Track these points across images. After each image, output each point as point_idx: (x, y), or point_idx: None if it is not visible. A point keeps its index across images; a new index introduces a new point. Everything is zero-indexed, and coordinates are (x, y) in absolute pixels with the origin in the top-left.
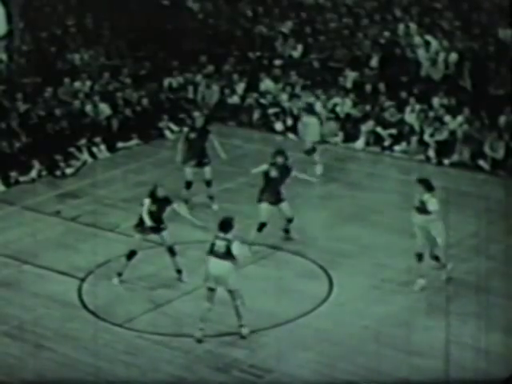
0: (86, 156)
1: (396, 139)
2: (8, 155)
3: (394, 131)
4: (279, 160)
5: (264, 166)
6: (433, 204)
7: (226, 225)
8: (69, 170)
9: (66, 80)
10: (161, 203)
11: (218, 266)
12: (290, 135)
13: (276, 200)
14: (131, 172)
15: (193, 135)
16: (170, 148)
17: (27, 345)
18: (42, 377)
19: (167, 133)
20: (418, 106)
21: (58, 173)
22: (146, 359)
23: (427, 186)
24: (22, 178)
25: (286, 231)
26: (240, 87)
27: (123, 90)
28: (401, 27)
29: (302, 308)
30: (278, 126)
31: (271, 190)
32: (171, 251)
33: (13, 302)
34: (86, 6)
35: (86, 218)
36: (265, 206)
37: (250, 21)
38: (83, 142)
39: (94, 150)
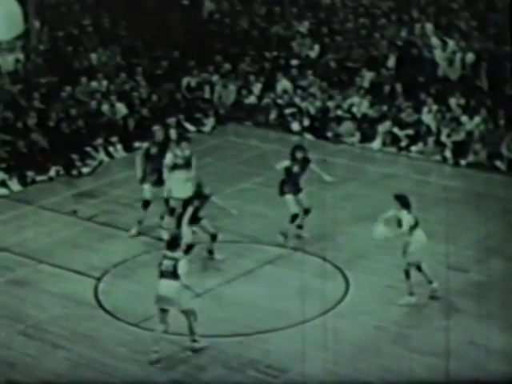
0: (102, 155)
1: (413, 140)
2: (25, 155)
3: (410, 132)
4: (299, 155)
5: (286, 162)
6: (405, 222)
7: (173, 243)
8: (85, 170)
9: (83, 79)
10: (204, 200)
11: (167, 287)
12: (307, 135)
13: (296, 190)
14: None
15: (154, 150)
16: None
17: (43, 344)
18: (59, 376)
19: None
20: (434, 107)
21: (75, 172)
22: (162, 359)
23: (402, 202)
24: (38, 178)
25: (299, 227)
26: (257, 87)
27: (139, 89)
28: (417, 27)
29: (319, 308)
30: (295, 126)
31: (292, 182)
32: (213, 237)
33: (29, 301)
34: (103, 5)
35: (103, 218)
36: (290, 197)
37: (267, 21)
38: (100, 141)
39: (111, 149)
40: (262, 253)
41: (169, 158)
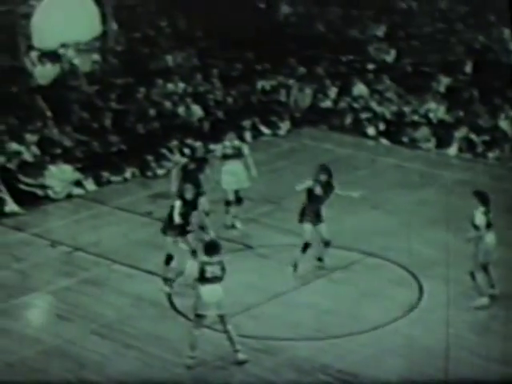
0: (177, 157)
1: (489, 146)
2: (100, 155)
3: (487, 138)
4: (322, 177)
5: (309, 182)
6: (479, 219)
7: (213, 248)
8: (160, 171)
9: (159, 81)
10: (189, 206)
11: (215, 291)
12: (383, 140)
13: (316, 220)
14: None
15: (192, 166)
16: (263, 150)
17: (115, 343)
18: (130, 376)
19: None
20: (511, 113)
21: (150, 174)
22: (233, 361)
23: (481, 199)
24: (113, 178)
25: (320, 259)
26: (332, 91)
27: (215, 91)
28: (495, 32)
29: (392, 314)
30: (370, 131)
31: (313, 210)
32: (193, 253)
33: (102, 300)
34: (179, 6)
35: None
36: (308, 226)
37: (343, 24)
38: (175, 143)
39: (186, 151)
40: (335, 257)
41: (219, 149)
